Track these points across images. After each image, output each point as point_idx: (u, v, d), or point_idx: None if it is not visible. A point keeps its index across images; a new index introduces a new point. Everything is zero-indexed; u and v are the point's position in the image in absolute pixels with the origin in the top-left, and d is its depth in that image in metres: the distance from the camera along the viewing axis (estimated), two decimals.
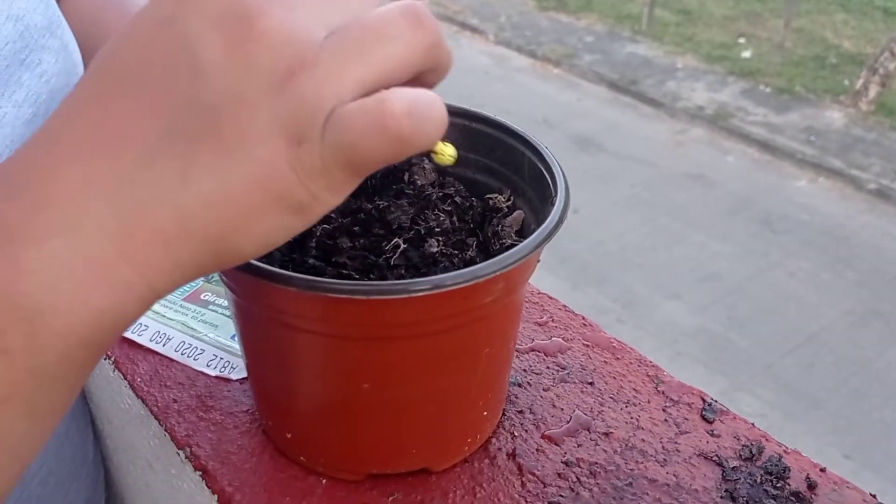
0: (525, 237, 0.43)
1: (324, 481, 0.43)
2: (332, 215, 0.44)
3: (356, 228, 0.43)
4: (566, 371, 0.51)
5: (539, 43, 7.12)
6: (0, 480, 0.29)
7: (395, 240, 0.42)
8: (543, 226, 0.38)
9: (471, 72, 6.54)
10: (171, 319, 0.53)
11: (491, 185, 0.47)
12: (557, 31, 7.38)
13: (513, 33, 7.30)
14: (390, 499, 0.42)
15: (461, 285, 0.34)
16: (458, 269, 0.40)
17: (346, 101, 0.27)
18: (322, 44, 0.27)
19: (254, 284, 0.37)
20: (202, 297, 0.56)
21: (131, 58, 0.28)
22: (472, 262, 0.41)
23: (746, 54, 6.95)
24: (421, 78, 0.30)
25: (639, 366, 0.51)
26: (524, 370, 0.50)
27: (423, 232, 0.43)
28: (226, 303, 0.55)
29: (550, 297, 0.56)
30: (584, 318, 0.55)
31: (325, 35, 0.28)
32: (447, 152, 0.37)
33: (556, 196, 0.40)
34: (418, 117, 0.27)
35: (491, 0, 7.96)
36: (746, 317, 4.25)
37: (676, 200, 5.09)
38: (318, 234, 0.42)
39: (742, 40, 7.19)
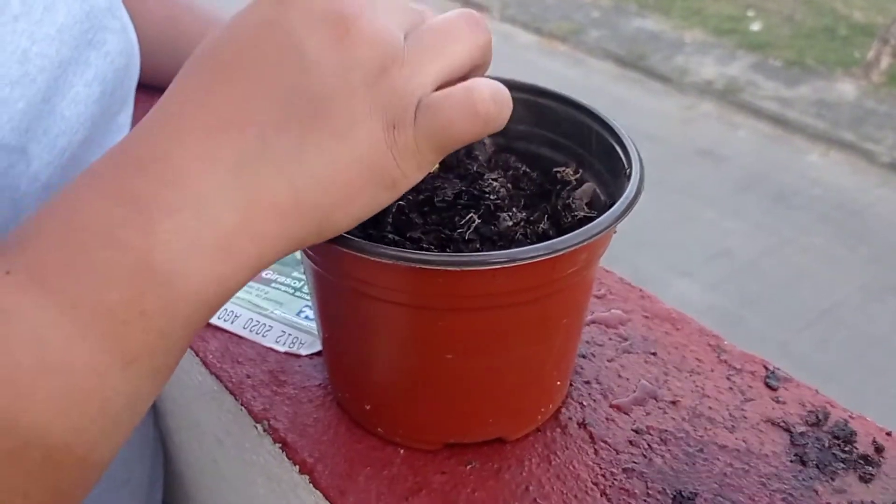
0: (596, 209, 0.44)
1: (402, 451, 0.44)
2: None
3: (426, 208, 0.44)
4: (628, 342, 0.51)
5: (545, 19, 7.09)
6: (116, 439, 0.31)
7: (471, 214, 0.43)
8: (623, 198, 0.38)
9: None
10: (237, 297, 0.54)
11: (556, 160, 0.47)
12: (563, 6, 7.34)
13: (518, 10, 7.26)
14: (468, 467, 0.43)
15: (546, 256, 0.35)
16: (532, 242, 0.41)
17: (428, 91, 0.33)
18: (406, 43, 0.33)
19: (340, 257, 0.38)
20: (264, 275, 0.56)
21: (241, 52, 0.32)
22: (545, 235, 0.42)
23: (755, 27, 6.91)
24: (472, 72, 0.36)
25: (700, 336, 0.52)
26: (587, 342, 0.51)
27: (492, 207, 0.44)
28: (288, 280, 0.56)
29: (607, 271, 0.57)
30: (641, 290, 0.56)
31: (403, 35, 0.33)
32: None
33: (630, 169, 0.41)
34: (499, 102, 0.33)
35: None
36: (759, 294, 4.25)
37: (687, 177, 5.08)
38: (394, 210, 0.43)
39: (751, 13, 7.14)
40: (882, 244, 4.60)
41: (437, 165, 0.42)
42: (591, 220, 0.38)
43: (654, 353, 0.51)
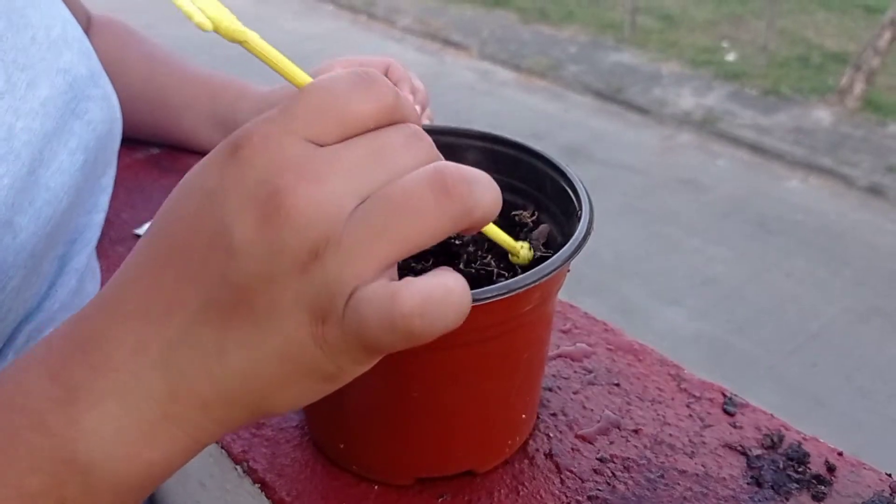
0: (551, 249, 0.47)
1: (376, 487, 0.46)
2: None
3: None
4: (593, 374, 0.54)
5: (523, 56, 7.19)
6: None
7: (430, 259, 0.45)
8: (574, 237, 0.41)
9: (456, 88, 6.60)
10: None
11: (515, 203, 0.50)
12: (541, 43, 7.45)
13: (496, 47, 7.36)
14: (440, 500, 0.45)
15: (503, 296, 0.37)
16: (494, 282, 0.44)
17: (368, 280, 0.28)
18: (348, 220, 0.28)
19: None
20: None
21: (180, 227, 0.30)
22: (504, 275, 0.44)
23: (731, 57, 7.03)
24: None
25: (661, 366, 0.54)
26: (553, 375, 0.53)
27: (451, 251, 0.46)
28: None
29: (572, 306, 0.59)
30: (605, 324, 0.58)
31: (357, 202, 0.28)
32: (522, 255, 0.43)
33: (581, 210, 0.43)
34: (429, 316, 0.27)
35: (473, 15, 8.04)
36: (746, 319, 4.28)
37: (669, 206, 5.13)
38: None
39: (725, 44, 7.26)
40: (864, 266, 4.65)
41: (530, 257, 0.44)
42: (547, 258, 0.40)
43: (617, 384, 0.53)
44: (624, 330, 0.58)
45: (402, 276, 0.44)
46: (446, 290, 0.28)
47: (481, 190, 0.29)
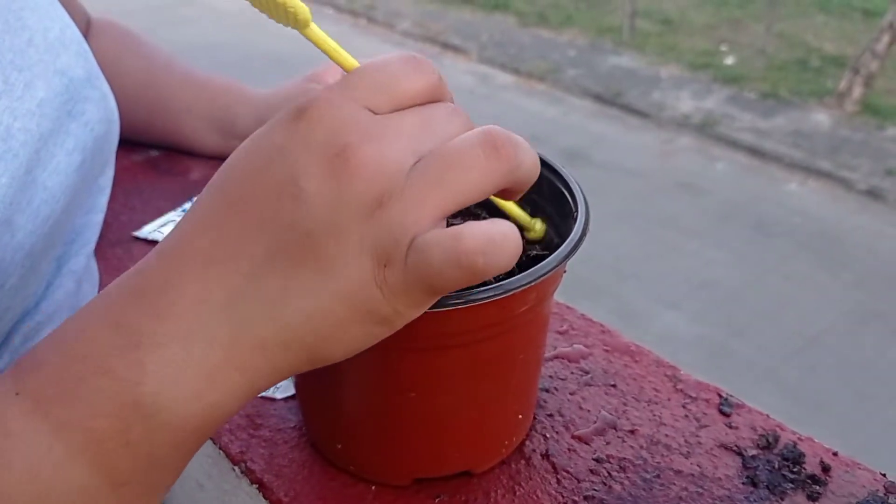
0: (548, 250, 0.47)
1: (373, 488, 0.46)
2: None
3: None
4: (589, 375, 0.54)
5: (522, 59, 7.20)
6: None
7: None
8: (569, 239, 0.41)
9: (455, 91, 6.32)
10: None
11: None
12: (540, 46, 7.46)
13: (495, 51, 7.38)
14: (436, 500, 0.45)
15: (499, 297, 0.38)
16: (489, 283, 0.44)
17: (426, 227, 0.31)
18: (408, 174, 0.31)
19: None
20: None
21: (247, 181, 0.32)
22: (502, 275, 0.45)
23: (729, 61, 7.04)
24: (502, 192, 0.35)
25: (657, 367, 0.55)
26: (550, 376, 0.54)
27: None
28: None
29: (569, 307, 0.60)
30: (602, 325, 0.58)
31: (414, 161, 0.32)
32: (537, 228, 0.44)
33: (577, 212, 0.43)
34: (491, 254, 0.30)
35: (472, 19, 8.05)
36: (745, 323, 4.28)
37: (668, 210, 5.14)
38: None
39: (724, 47, 7.28)
40: (863, 270, 4.65)
41: (542, 231, 0.45)
42: (543, 258, 0.40)
43: (613, 385, 0.53)
44: (621, 331, 0.58)
45: None
46: (503, 233, 0.31)
47: (524, 152, 0.33)
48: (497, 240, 0.31)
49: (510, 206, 0.44)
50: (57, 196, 0.47)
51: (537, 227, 0.45)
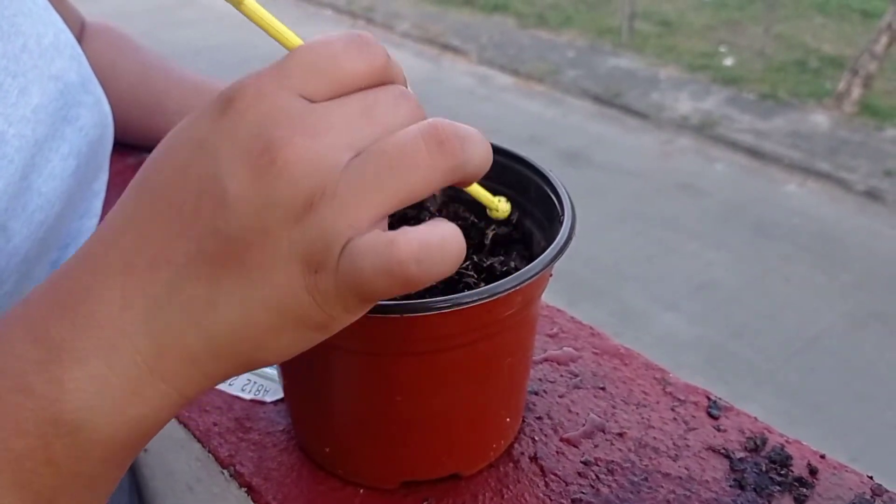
0: (535, 254, 0.47)
1: (361, 491, 0.46)
2: None
3: None
4: (579, 378, 0.54)
5: (522, 61, 7.19)
6: None
7: None
8: (554, 243, 0.41)
9: (455, 93, 6.60)
10: None
11: None
12: (539, 48, 7.46)
13: (495, 52, 7.37)
14: (424, 503, 0.46)
15: (485, 301, 0.38)
16: (475, 287, 0.44)
17: (362, 230, 0.29)
18: (343, 172, 0.29)
19: None
20: None
21: (168, 179, 0.30)
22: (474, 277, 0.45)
23: (728, 62, 7.04)
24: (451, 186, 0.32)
25: (646, 370, 0.55)
26: (539, 379, 0.54)
27: None
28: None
29: (559, 310, 0.60)
30: (591, 328, 0.58)
31: (351, 156, 0.29)
32: (501, 208, 0.42)
33: (563, 216, 0.44)
34: (427, 262, 0.28)
35: (472, 20, 8.05)
36: (745, 324, 4.28)
37: (667, 211, 5.13)
38: None
39: (723, 48, 7.27)
40: (863, 271, 4.65)
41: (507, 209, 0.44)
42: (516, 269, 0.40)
43: (603, 388, 0.53)
44: (617, 334, 0.58)
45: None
46: (442, 238, 0.29)
47: (473, 145, 0.31)
48: (433, 247, 0.29)
49: (473, 188, 0.41)
50: (52, 201, 0.48)
51: (501, 206, 0.43)
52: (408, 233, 0.28)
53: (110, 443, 0.30)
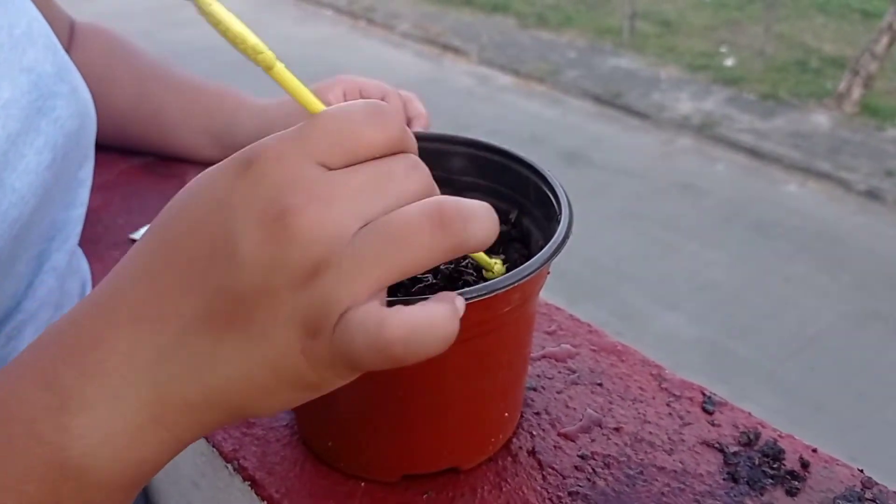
0: (533, 252, 0.48)
1: (362, 484, 0.47)
2: None
3: None
4: (576, 374, 0.55)
5: (522, 61, 7.20)
6: None
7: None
8: (551, 241, 0.42)
9: (455, 93, 6.61)
10: None
11: (500, 208, 0.51)
12: (539, 48, 7.47)
13: (495, 53, 7.38)
14: (424, 497, 0.46)
15: (483, 297, 0.39)
16: (474, 284, 0.45)
17: (361, 300, 0.30)
18: (349, 243, 0.30)
19: None
20: None
21: (184, 234, 0.31)
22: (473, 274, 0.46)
23: (729, 62, 7.05)
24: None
25: (643, 366, 0.56)
26: (538, 375, 0.55)
27: None
28: None
29: (557, 308, 0.61)
30: (589, 326, 0.59)
31: (360, 225, 0.30)
32: (496, 270, 0.44)
33: (560, 215, 0.45)
34: (414, 344, 0.30)
35: (472, 20, 8.06)
36: (745, 324, 4.28)
37: (668, 211, 5.14)
38: None
39: (724, 49, 7.29)
40: (863, 271, 4.65)
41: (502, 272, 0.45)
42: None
43: (600, 384, 0.54)
44: (617, 334, 0.59)
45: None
46: (431, 323, 0.30)
47: (476, 224, 0.31)
48: (422, 329, 0.30)
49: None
50: (26, 198, 0.47)
51: (496, 268, 0.44)
52: (399, 314, 0.30)
53: (112, 485, 0.32)
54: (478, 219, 0.32)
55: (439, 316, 0.30)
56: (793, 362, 4.04)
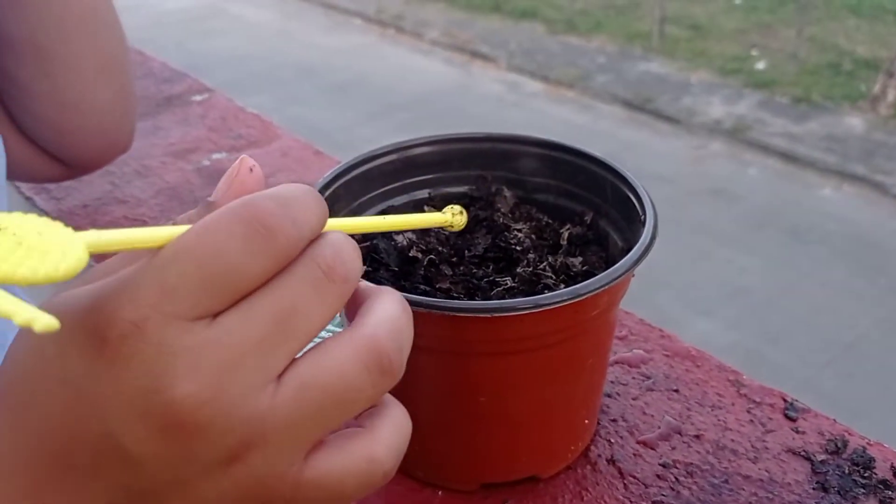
0: (611, 254, 0.47)
1: (440, 493, 0.46)
2: (435, 247, 0.47)
3: (454, 258, 0.47)
4: (651, 380, 0.54)
5: (551, 67, 7.18)
6: None
7: (492, 266, 0.46)
8: (639, 243, 0.41)
9: (484, 100, 6.60)
10: None
11: (574, 209, 0.50)
12: (568, 53, 7.44)
13: (524, 59, 7.36)
14: None
15: (568, 302, 0.38)
16: (555, 288, 0.44)
17: (300, 461, 0.26)
18: (272, 409, 0.25)
19: None
20: None
21: (46, 430, 0.25)
22: (572, 280, 0.45)
23: (760, 66, 6.98)
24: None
25: (719, 371, 0.54)
26: (612, 382, 0.53)
27: (513, 255, 0.47)
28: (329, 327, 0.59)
29: (627, 312, 0.59)
30: (661, 330, 0.58)
31: (272, 388, 0.25)
32: (456, 222, 0.44)
33: (645, 216, 0.43)
34: (398, 460, 0.29)
35: (501, 27, 8.05)
36: (780, 330, 4.23)
37: (700, 216, 5.09)
38: (425, 263, 0.46)
39: (755, 52, 7.21)
40: None
41: (463, 220, 0.45)
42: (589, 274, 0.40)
43: (676, 390, 0.53)
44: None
45: (463, 281, 0.45)
46: (406, 436, 0.30)
47: (408, 351, 0.29)
48: (402, 445, 0.29)
49: (418, 220, 0.43)
50: None
51: (456, 220, 0.44)
52: (381, 441, 0.28)
53: None
54: (408, 346, 0.29)
55: (406, 427, 0.30)
56: (830, 369, 3.98)
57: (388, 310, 0.28)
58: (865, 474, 0.46)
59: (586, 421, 0.47)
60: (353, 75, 6.64)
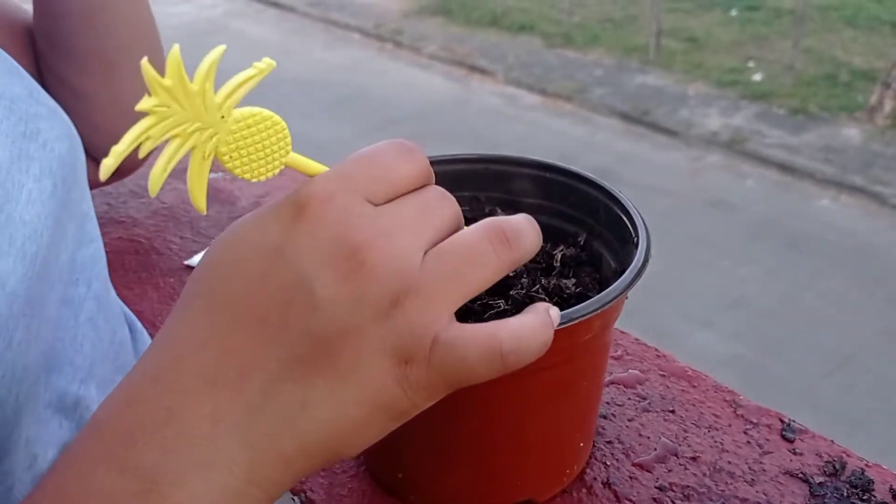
0: (605, 276, 0.47)
1: None
2: None
3: None
4: (647, 401, 0.53)
5: (549, 80, 7.19)
6: None
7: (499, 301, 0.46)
8: (632, 265, 0.41)
9: (482, 113, 6.61)
10: None
11: (567, 230, 0.50)
12: (566, 67, 7.46)
13: (522, 72, 7.38)
14: None
15: (564, 325, 0.37)
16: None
17: (444, 322, 0.31)
18: (422, 269, 0.31)
19: None
20: None
21: (245, 291, 0.31)
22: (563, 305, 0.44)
23: (757, 77, 6.99)
24: None
25: (716, 392, 0.54)
26: (607, 402, 0.53)
27: (506, 278, 0.47)
28: None
29: (622, 332, 0.59)
30: (657, 350, 0.58)
31: (421, 254, 0.31)
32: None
33: (637, 237, 0.43)
34: (521, 352, 0.32)
35: (498, 41, 8.07)
36: (780, 341, 4.22)
37: (699, 228, 5.09)
38: None
39: (752, 64, 7.23)
40: None
41: None
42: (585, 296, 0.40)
43: (672, 411, 0.52)
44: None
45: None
46: (533, 331, 0.32)
47: (528, 237, 0.34)
48: (526, 338, 0.32)
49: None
50: (39, 230, 0.42)
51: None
52: (507, 326, 0.32)
53: None
54: (528, 231, 0.34)
55: (539, 324, 0.33)
56: (829, 380, 3.97)
57: (513, 219, 0.34)
58: (864, 497, 0.46)
59: (581, 444, 0.47)
60: (353, 90, 6.66)
